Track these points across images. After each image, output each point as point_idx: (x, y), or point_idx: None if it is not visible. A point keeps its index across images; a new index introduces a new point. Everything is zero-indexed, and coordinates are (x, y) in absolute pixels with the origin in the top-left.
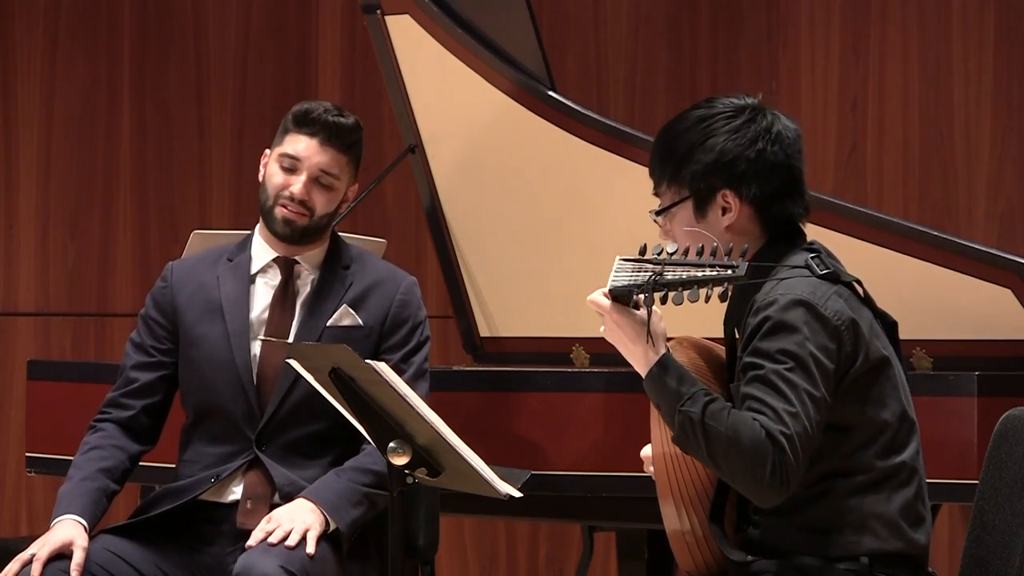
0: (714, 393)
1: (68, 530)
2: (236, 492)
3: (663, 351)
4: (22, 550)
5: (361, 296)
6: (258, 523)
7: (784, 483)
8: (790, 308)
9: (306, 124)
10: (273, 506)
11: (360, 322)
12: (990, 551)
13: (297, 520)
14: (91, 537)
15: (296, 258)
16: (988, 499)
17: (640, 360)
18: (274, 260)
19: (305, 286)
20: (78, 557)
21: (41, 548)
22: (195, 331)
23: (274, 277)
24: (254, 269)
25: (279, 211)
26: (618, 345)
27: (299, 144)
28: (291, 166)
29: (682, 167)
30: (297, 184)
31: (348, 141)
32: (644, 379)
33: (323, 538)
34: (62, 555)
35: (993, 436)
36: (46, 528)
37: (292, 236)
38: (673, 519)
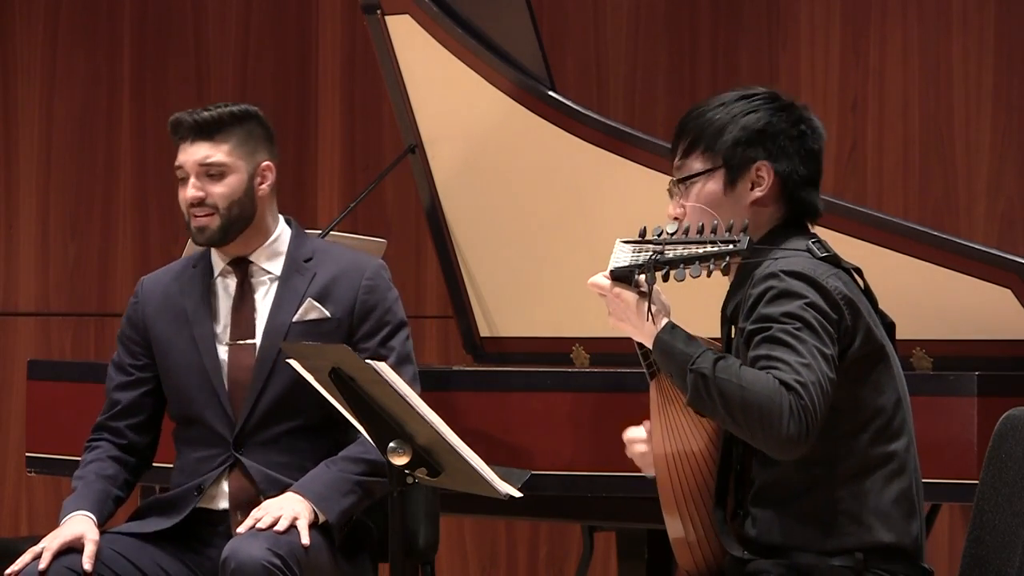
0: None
1: (78, 525)
2: (225, 500)
3: (667, 319)
4: (22, 550)
5: (326, 287)
6: None
7: (803, 431)
8: (791, 278)
9: (176, 134)
10: None
11: (327, 314)
12: (990, 551)
13: (286, 508)
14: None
15: (249, 258)
16: (988, 499)
17: (646, 331)
18: (229, 264)
19: (264, 284)
20: (90, 549)
21: (52, 541)
22: (165, 341)
23: (232, 280)
24: (214, 274)
25: (192, 222)
26: (623, 323)
27: (180, 154)
28: (182, 175)
29: (724, 133)
30: (188, 189)
31: (216, 128)
32: (652, 347)
33: (314, 528)
34: (72, 550)
35: (993, 436)
36: (46, 528)
37: (213, 240)
38: (674, 518)
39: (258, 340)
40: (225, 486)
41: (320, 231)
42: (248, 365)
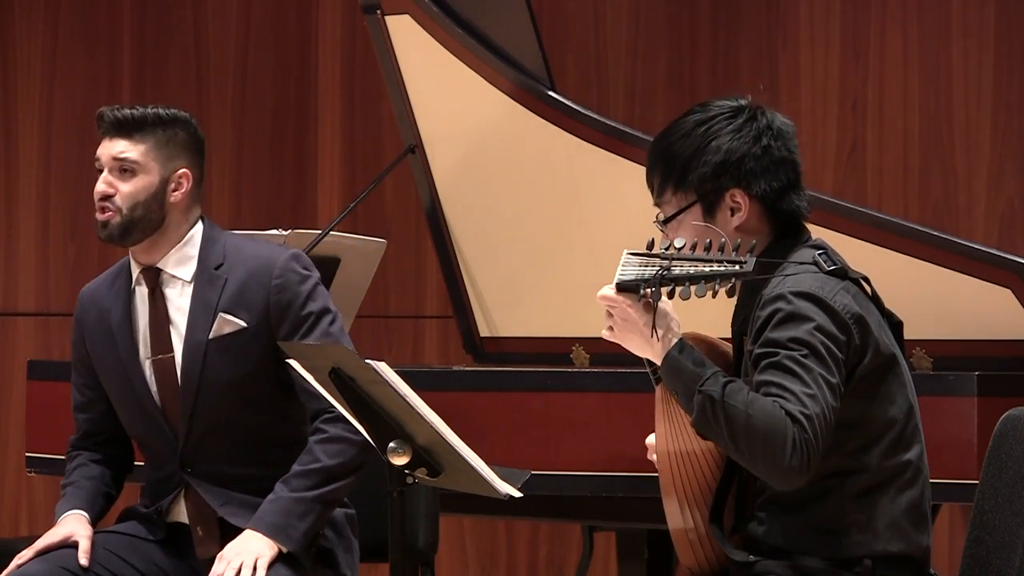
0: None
1: (70, 523)
2: (186, 516)
3: (678, 337)
4: (21, 550)
5: (238, 294)
6: (215, 551)
7: (804, 463)
8: (799, 299)
9: (100, 128)
10: (222, 524)
11: (243, 324)
12: (990, 551)
13: (245, 553)
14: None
15: (158, 266)
16: (988, 499)
17: (655, 348)
18: (141, 273)
19: (177, 295)
20: (84, 545)
21: (41, 541)
22: (101, 362)
23: (146, 291)
24: (132, 286)
25: (97, 216)
26: (630, 338)
27: (99, 147)
28: (99, 168)
29: (688, 171)
30: (99, 183)
31: (136, 127)
32: (661, 365)
33: (280, 560)
34: (65, 547)
35: (993, 436)
36: (46, 528)
37: (112, 237)
38: (676, 516)
39: (178, 358)
40: (183, 505)
41: (320, 231)
42: (173, 383)
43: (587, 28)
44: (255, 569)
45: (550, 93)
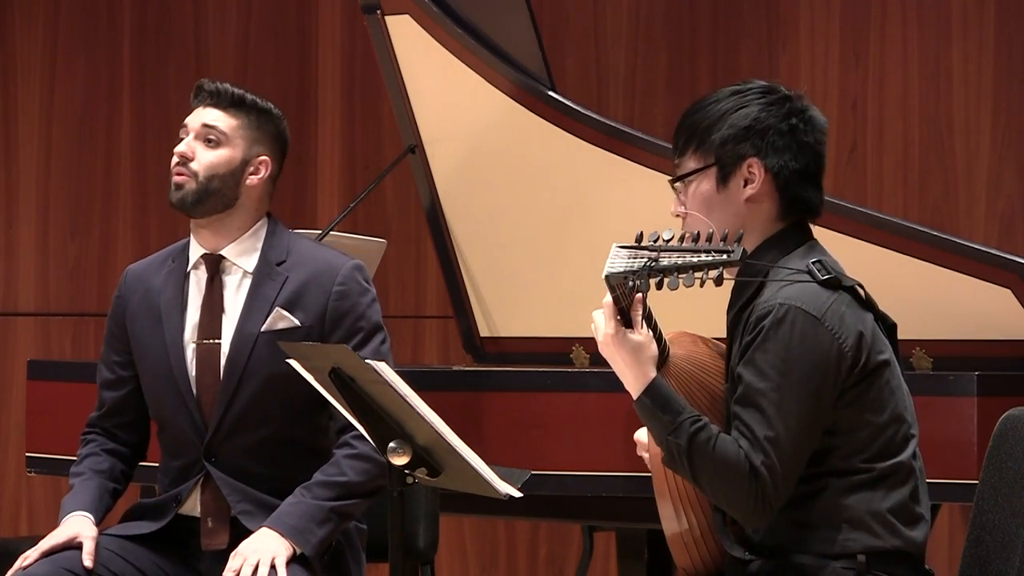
0: (702, 417)
1: (74, 524)
2: (198, 510)
3: (653, 375)
4: (22, 550)
5: (297, 293)
6: (221, 543)
7: (766, 510)
8: (789, 316)
9: (195, 98)
10: (233, 520)
11: (297, 323)
12: (990, 551)
13: (262, 551)
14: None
15: (222, 253)
16: (988, 499)
17: (631, 384)
18: (201, 257)
19: (235, 284)
20: (89, 547)
21: (46, 543)
22: (141, 342)
23: (205, 275)
24: (188, 269)
25: (172, 178)
26: (611, 363)
27: (190, 116)
28: (183, 135)
29: (712, 132)
30: (180, 144)
31: (232, 102)
32: (635, 403)
33: (295, 561)
34: (69, 548)
35: (993, 436)
36: (46, 528)
37: (185, 202)
38: (671, 518)
39: (225, 347)
40: (197, 497)
41: (320, 231)
42: (215, 369)
43: (587, 28)
44: (272, 567)
45: (550, 93)
